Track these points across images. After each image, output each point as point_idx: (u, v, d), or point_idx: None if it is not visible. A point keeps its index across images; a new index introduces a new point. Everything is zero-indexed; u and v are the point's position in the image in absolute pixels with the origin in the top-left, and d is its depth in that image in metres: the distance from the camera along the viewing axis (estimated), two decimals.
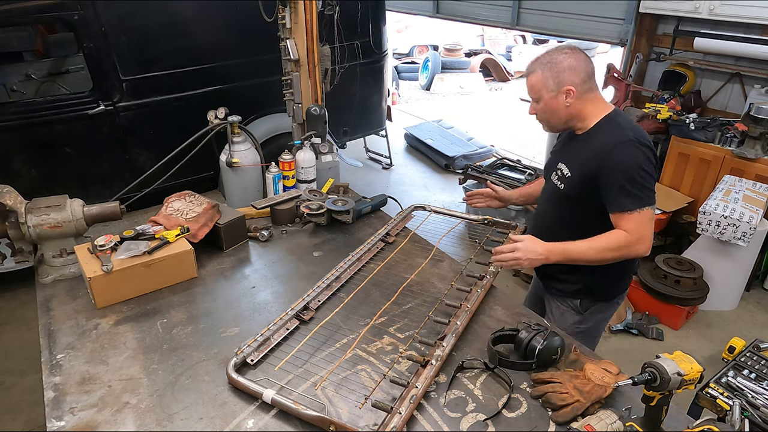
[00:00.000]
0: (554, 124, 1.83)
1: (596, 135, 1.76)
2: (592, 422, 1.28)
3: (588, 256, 1.70)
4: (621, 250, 1.67)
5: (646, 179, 1.66)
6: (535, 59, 1.78)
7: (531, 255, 1.69)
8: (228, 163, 3.09)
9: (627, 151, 1.67)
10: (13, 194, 1.96)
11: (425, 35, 11.56)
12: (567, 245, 1.71)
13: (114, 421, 1.37)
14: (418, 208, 2.49)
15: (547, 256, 1.70)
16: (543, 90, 1.74)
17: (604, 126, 1.76)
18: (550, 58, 1.73)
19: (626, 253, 1.69)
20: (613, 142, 1.68)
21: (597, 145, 1.73)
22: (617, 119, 1.76)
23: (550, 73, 1.72)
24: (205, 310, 1.82)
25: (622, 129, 1.72)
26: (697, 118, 3.93)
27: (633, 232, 1.66)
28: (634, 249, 1.67)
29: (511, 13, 5.52)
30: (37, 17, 3.44)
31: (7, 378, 3.00)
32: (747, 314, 3.62)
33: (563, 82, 1.72)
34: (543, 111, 1.80)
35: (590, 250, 1.69)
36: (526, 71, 1.79)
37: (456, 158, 5.91)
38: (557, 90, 1.73)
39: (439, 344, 1.55)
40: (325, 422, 1.30)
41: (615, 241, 1.68)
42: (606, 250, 1.68)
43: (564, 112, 1.77)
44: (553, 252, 1.71)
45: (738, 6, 3.68)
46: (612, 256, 1.69)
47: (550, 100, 1.75)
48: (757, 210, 3.27)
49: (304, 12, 2.71)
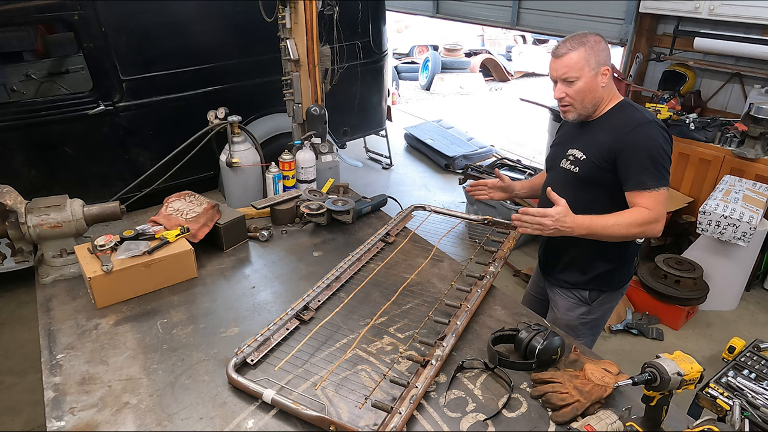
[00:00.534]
0: (586, 106, 1.80)
1: (612, 117, 1.78)
2: (592, 422, 1.29)
3: (613, 231, 1.69)
4: (644, 226, 1.67)
5: (666, 160, 1.69)
6: (566, 41, 1.76)
7: (559, 224, 1.65)
8: (228, 163, 3.08)
9: (649, 130, 1.70)
10: (13, 194, 1.96)
11: (425, 35, 11.56)
12: (593, 219, 1.69)
13: (114, 421, 1.37)
14: (418, 208, 2.48)
15: (573, 228, 1.67)
16: (585, 68, 1.72)
17: (621, 109, 1.79)
18: (584, 39, 1.73)
19: (647, 230, 1.69)
20: (635, 122, 1.71)
21: (616, 126, 1.75)
22: (633, 104, 1.80)
23: (592, 52, 1.72)
24: (205, 310, 1.82)
25: (641, 111, 1.76)
26: (697, 118, 3.93)
27: (654, 210, 1.66)
28: (654, 227, 1.68)
29: (511, 13, 5.52)
30: (37, 17, 3.44)
31: (7, 378, 3.00)
32: (747, 314, 3.62)
33: (602, 62, 1.74)
34: (580, 91, 1.76)
35: (616, 225, 1.68)
36: (562, 50, 1.74)
37: (456, 158, 5.91)
38: (597, 69, 1.74)
39: (439, 344, 1.55)
40: (325, 422, 1.30)
41: (639, 217, 1.67)
42: (631, 225, 1.67)
43: (599, 92, 1.77)
44: (581, 226, 1.68)
45: (738, 6, 3.68)
46: (636, 233, 1.68)
47: (591, 79, 1.74)
48: (757, 210, 3.26)
49: (304, 12, 2.71)
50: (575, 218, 1.68)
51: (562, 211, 1.66)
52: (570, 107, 1.81)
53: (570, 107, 1.81)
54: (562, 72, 1.76)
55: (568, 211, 1.67)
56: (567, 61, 1.74)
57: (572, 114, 1.82)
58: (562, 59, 1.75)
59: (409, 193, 5.41)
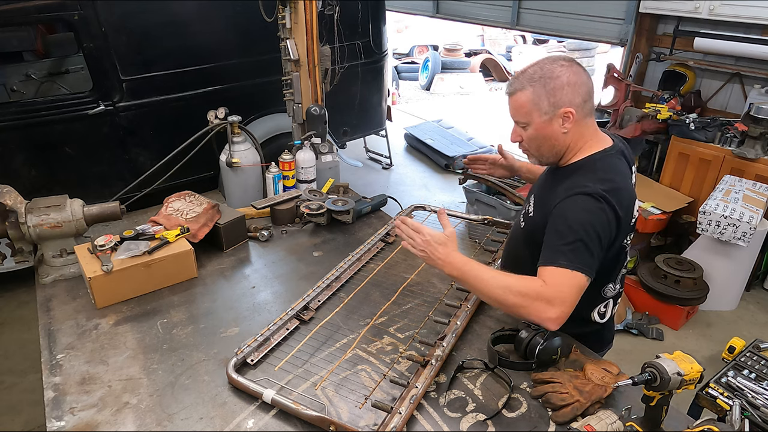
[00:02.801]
0: (545, 155, 1.53)
1: (572, 176, 1.48)
2: (592, 422, 1.28)
3: (487, 288, 1.39)
4: (528, 299, 1.33)
5: (593, 243, 1.35)
6: (521, 72, 1.46)
7: (430, 249, 1.44)
8: (228, 163, 3.09)
9: (586, 203, 1.38)
10: (13, 194, 1.96)
11: (425, 35, 11.56)
12: (472, 265, 1.43)
13: (114, 421, 1.37)
14: (418, 208, 2.48)
15: (444, 262, 1.43)
16: (534, 112, 1.43)
17: (582, 168, 1.48)
18: (543, 71, 1.42)
19: (531, 308, 1.33)
20: (575, 189, 1.41)
21: (565, 186, 1.45)
22: (599, 164, 1.47)
23: (544, 90, 1.41)
24: (205, 310, 1.82)
25: (595, 177, 1.42)
26: (697, 118, 3.93)
27: (551, 288, 1.33)
28: (542, 309, 1.32)
29: (511, 13, 5.52)
30: (37, 17, 3.44)
31: (7, 378, 3.00)
32: (747, 314, 3.62)
33: (560, 103, 1.41)
34: (532, 139, 1.48)
35: (493, 280, 1.39)
36: (510, 88, 1.47)
37: (456, 158, 5.90)
38: (552, 113, 1.43)
39: (439, 344, 1.55)
40: (325, 422, 1.30)
41: (525, 286, 1.35)
42: (510, 290, 1.36)
43: (559, 140, 1.47)
44: (453, 264, 1.42)
45: (738, 6, 3.68)
46: (513, 302, 1.36)
47: (543, 125, 1.44)
48: (757, 210, 3.26)
49: (304, 12, 2.71)
50: (452, 253, 1.43)
51: (439, 237, 1.44)
52: (528, 153, 1.56)
53: (528, 153, 1.56)
54: (511, 114, 1.50)
55: (449, 241, 1.45)
56: (514, 101, 1.47)
57: (532, 159, 1.58)
58: (510, 99, 1.48)
59: (409, 193, 5.41)
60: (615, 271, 1.60)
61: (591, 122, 1.50)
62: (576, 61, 1.47)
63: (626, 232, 1.50)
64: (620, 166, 1.51)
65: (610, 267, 1.55)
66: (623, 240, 1.51)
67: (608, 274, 1.57)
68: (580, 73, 1.43)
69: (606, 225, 1.38)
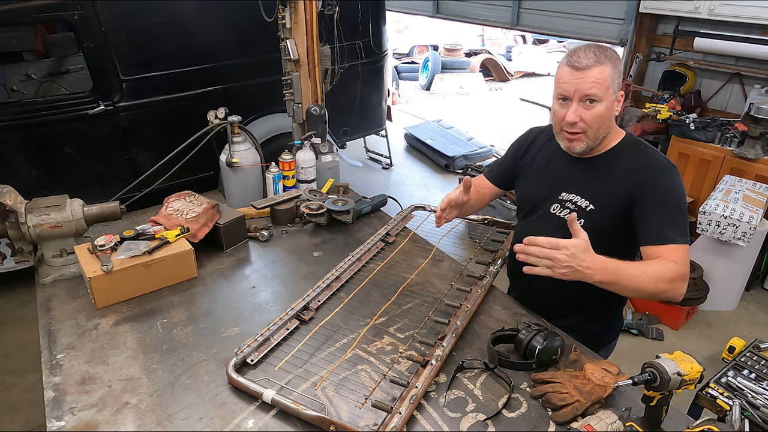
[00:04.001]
0: (598, 137, 1.49)
1: (624, 157, 1.50)
2: (592, 422, 1.28)
3: (639, 283, 1.35)
4: (673, 283, 1.36)
5: (686, 214, 1.47)
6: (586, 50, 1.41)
7: (576, 262, 1.30)
8: (228, 163, 3.09)
9: (677, 178, 1.46)
10: (13, 194, 1.96)
11: (425, 35, 11.57)
12: (618, 263, 1.35)
13: (114, 421, 1.37)
14: (418, 208, 2.48)
15: (594, 269, 1.31)
16: (610, 88, 1.41)
17: (633, 148, 1.51)
18: (608, 52, 1.41)
19: (673, 289, 1.37)
20: (660, 167, 1.46)
21: (632, 169, 1.47)
22: (644, 142, 1.54)
23: (617, 71, 1.41)
24: (205, 310, 1.82)
25: (658, 153, 1.50)
26: (697, 118, 3.93)
27: (684, 266, 1.38)
28: (680, 287, 1.38)
29: (511, 13, 5.52)
30: (37, 17, 3.44)
31: (7, 378, 3.00)
32: (747, 314, 3.62)
33: (620, 85, 1.45)
34: (599, 117, 1.43)
35: (644, 276, 1.35)
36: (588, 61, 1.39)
37: (456, 158, 5.91)
38: (616, 93, 1.45)
39: (439, 344, 1.55)
40: (325, 422, 1.30)
41: (668, 271, 1.36)
42: (659, 279, 1.36)
43: (612, 122, 1.47)
44: (604, 269, 1.33)
45: (738, 6, 3.68)
46: (663, 289, 1.36)
47: (611, 103, 1.44)
48: (757, 210, 3.27)
49: (304, 12, 2.71)
50: (596, 258, 1.33)
51: (581, 245, 1.31)
52: (582, 135, 1.47)
53: (582, 135, 1.47)
54: (586, 88, 1.40)
55: (588, 247, 1.33)
56: (594, 75, 1.39)
57: (581, 145, 1.49)
58: (587, 72, 1.39)
59: (409, 193, 5.41)
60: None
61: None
62: None
63: None
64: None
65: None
66: None
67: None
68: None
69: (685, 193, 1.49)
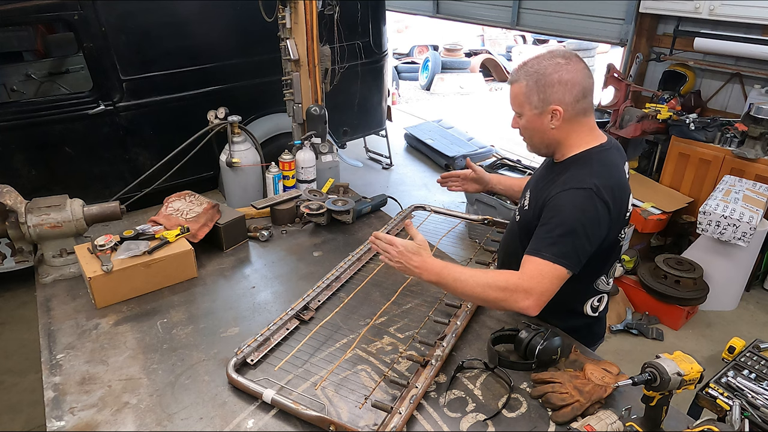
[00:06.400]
0: (536, 146, 1.57)
1: (569, 168, 1.50)
2: (592, 422, 1.29)
3: (465, 287, 1.42)
4: (506, 292, 1.38)
5: (581, 241, 1.39)
6: (521, 65, 1.50)
7: (405, 259, 1.46)
8: (228, 163, 3.09)
9: (576, 199, 1.41)
10: (13, 194, 1.96)
11: (425, 35, 11.56)
12: (449, 267, 1.45)
13: (114, 421, 1.37)
14: (418, 208, 2.48)
15: (421, 270, 1.45)
16: (525, 105, 1.48)
17: (577, 163, 1.49)
18: (539, 66, 1.45)
19: (510, 300, 1.38)
20: (569, 184, 1.44)
21: (561, 181, 1.48)
22: (594, 158, 1.49)
23: (536, 86, 1.44)
24: (205, 310, 1.82)
25: (591, 171, 1.45)
26: (697, 118, 3.93)
27: (527, 279, 1.38)
28: (518, 299, 1.37)
29: (511, 13, 5.52)
30: (37, 17, 3.44)
31: (7, 378, 3.00)
32: (747, 314, 3.62)
33: (550, 100, 1.44)
34: (524, 129, 1.54)
35: (472, 279, 1.41)
36: (510, 78, 1.52)
37: (456, 158, 5.90)
38: (542, 108, 1.46)
39: (439, 344, 1.55)
40: (325, 422, 1.30)
41: (502, 279, 1.41)
42: (489, 286, 1.40)
43: (548, 134, 1.50)
44: (430, 270, 1.44)
45: (738, 6, 3.68)
46: (494, 297, 1.40)
47: (533, 118, 1.49)
48: (757, 210, 3.26)
49: (304, 12, 2.71)
50: (427, 260, 1.45)
51: (411, 245, 1.46)
52: (525, 141, 1.60)
53: (525, 141, 1.60)
54: (510, 102, 1.54)
55: (422, 249, 1.46)
56: (511, 91, 1.52)
57: (529, 148, 1.61)
58: (510, 87, 1.52)
59: (409, 193, 5.41)
60: (608, 265, 1.61)
61: (586, 121, 1.50)
62: (577, 59, 1.46)
63: (620, 225, 1.52)
64: (616, 160, 1.53)
65: (603, 260, 1.57)
66: (617, 234, 1.54)
67: (600, 267, 1.59)
68: (576, 72, 1.43)
69: (596, 220, 1.41)
